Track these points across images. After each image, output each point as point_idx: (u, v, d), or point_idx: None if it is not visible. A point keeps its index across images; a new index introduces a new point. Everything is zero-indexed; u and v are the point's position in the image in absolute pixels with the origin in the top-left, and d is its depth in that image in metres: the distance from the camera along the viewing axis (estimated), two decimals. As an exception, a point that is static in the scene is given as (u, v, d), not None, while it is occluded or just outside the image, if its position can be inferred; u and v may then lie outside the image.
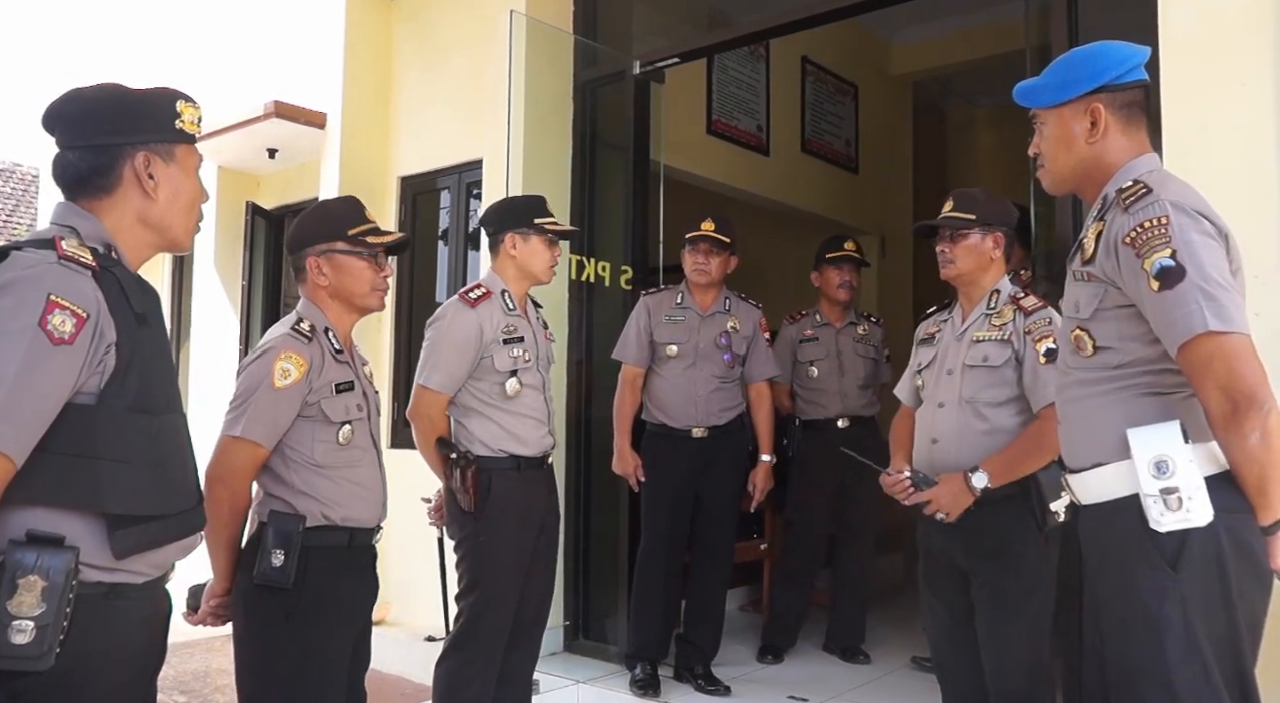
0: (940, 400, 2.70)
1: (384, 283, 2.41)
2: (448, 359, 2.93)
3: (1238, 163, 2.68)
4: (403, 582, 4.93)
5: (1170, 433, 1.67)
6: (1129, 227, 1.71)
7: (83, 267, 1.53)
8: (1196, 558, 1.64)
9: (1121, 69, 1.85)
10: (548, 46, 4.57)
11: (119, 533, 1.53)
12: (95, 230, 1.63)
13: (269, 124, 5.56)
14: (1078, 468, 1.84)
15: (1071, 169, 1.91)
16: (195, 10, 6.84)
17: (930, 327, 2.90)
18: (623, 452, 3.94)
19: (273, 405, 2.19)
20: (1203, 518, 1.63)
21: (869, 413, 4.46)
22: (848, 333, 4.48)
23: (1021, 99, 1.99)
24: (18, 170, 16.44)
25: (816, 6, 4.06)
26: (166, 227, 1.71)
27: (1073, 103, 1.88)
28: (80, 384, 1.51)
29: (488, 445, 2.94)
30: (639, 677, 3.88)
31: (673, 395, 3.92)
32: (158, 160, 1.68)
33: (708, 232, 3.90)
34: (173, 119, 1.70)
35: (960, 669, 2.67)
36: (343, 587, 2.25)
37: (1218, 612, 1.65)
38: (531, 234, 3.03)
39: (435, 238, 5.50)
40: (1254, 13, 2.71)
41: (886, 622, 4.93)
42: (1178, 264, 1.63)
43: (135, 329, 1.58)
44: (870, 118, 7.17)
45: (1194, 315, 1.61)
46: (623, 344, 4.03)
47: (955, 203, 2.77)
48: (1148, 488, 1.65)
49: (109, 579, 1.55)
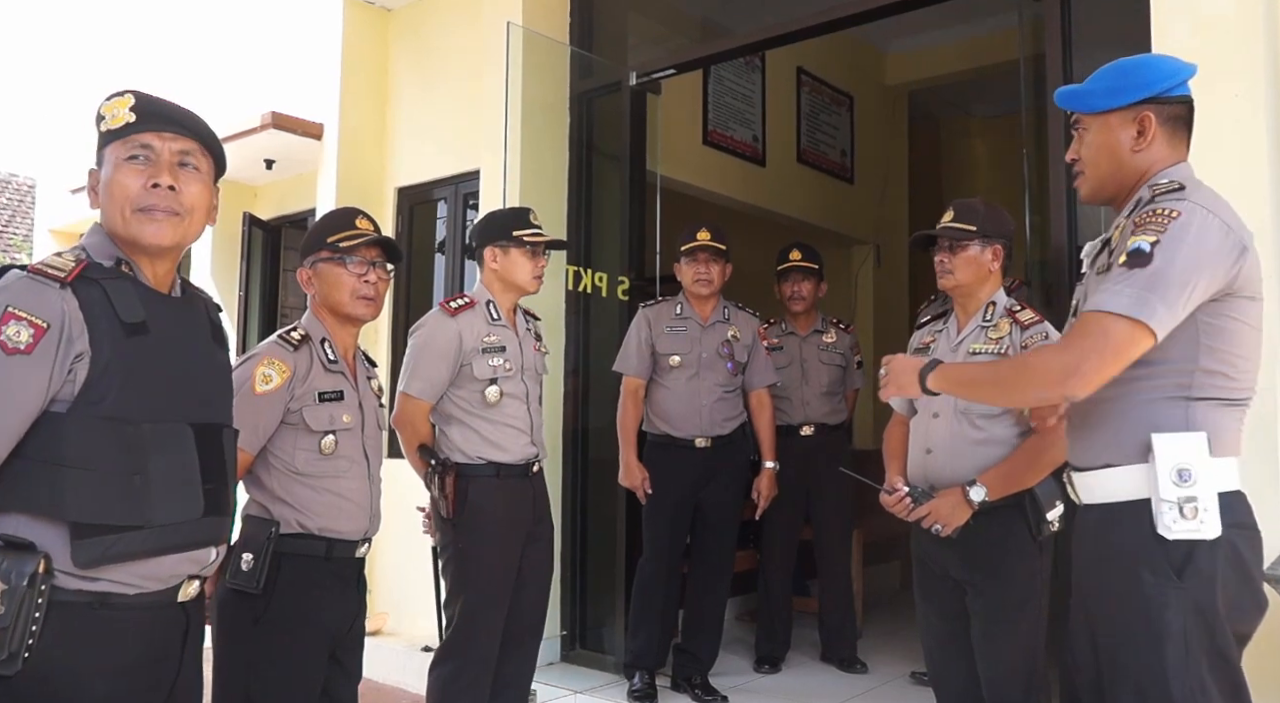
0: (935, 411, 2.70)
1: (367, 288, 2.35)
2: (427, 366, 2.98)
3: (1231, 173, 2.68)
4: (398, 592, 4.94)
5: (1197, 443, 1.68)
6: (1144, 210, 1.73)
7: (51, 278, 1.53)
8: (1201, 570, 1.65)
9: (1172, 82, 1.83)
10: (544, 58, 4.59)
11: (80, 542, 1.51)
12: (105, 246, 1.66)
13: (266, 135, 5.57)
14: (1085, 467, 1.83)
15: (1112, 176, 1.88)
16: (193, 21, 6.85)
17: (925, 336, 2.89)
18: (629, 465, 3.91)
19: (253, 411, 2.18)
20: (1213, 532, 1.65)
21: (835, 421, 4.48)
22: (812, 341, 4.50)
23: (1065, 103, 1.94)
24: (14, 180, 16.43)
25: (812, 18, 4.07)
26: (111, 230, 1.67)
27: (1122, 110, 1.84)
28: (55, 392, 1.52)
29: (466, 453, 2.97)
30: (637, 687, 3.88)
31: (677, 406, 3.92)
32: (97, 171, 1.70)
33: (705, 241, 3.91)
34: (99, 125, 1.69)
35: (955, 679, 2.67)
36: (316, 597, 2.23)
37: (1216, 625, 1.65)
38: (511, 246, 3.06)
39: (432, 248, 5.50)
40: (1246, 25, 2.73)
41: (884, 631, 4.93)
42: (1151, 252, 1.65)
43: (122, 339, 1.57)
44: (865, 128, 7.20)
45: (1121, 295, 1.65)
46: (623, 356, 4.02)
47: (955, 213, 2.76)
48: (1166, 494, 1.66)
49: (92, 588, 1.54)
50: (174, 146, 1.69)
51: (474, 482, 2.95)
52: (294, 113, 5.54)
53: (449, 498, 2.89)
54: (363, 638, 2.42)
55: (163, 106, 1.70)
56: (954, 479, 2.59)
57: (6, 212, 15.15)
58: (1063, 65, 3.20)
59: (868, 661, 4.39)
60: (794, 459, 4.36)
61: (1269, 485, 2.54)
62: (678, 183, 5.42)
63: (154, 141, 1.67)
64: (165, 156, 1.68)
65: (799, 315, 4.50)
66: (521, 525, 3.02)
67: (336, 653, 2.30)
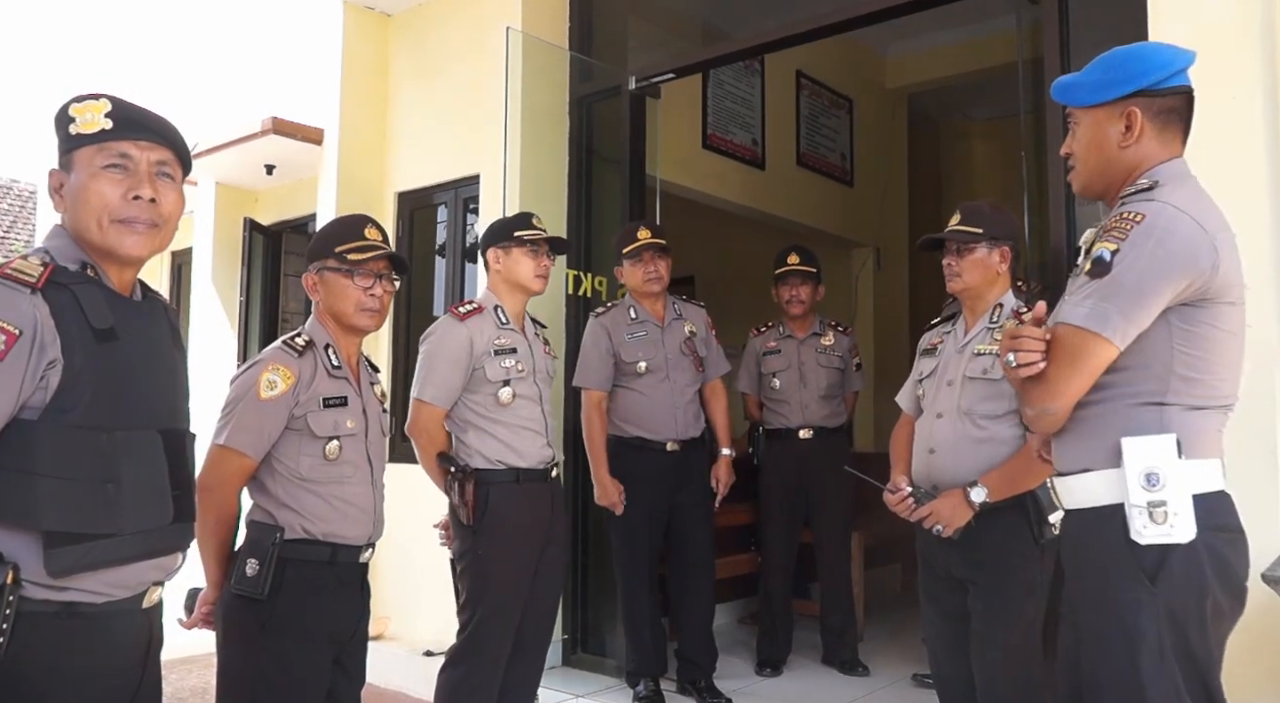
0: (939, 411, 2.71)
1: (372, 302, 2.35)
2: (439, 372, 2.99)
3: (1228, 174, 2.69)
4: (402, 597, 4.94)
5: (1165, 446, 1.65)
6: (1113, 215, 1.72)
7: (21, 283, 1.52)
8: (1176, 575, 1.63)
9: (1164, 73, 1.76)
10: (544, 62, 4.60)
11: (53, 551, 1.50)
12: (69, 249, 1.63)
13: (266, 140, 5.58)
14: (1065, 472, 1.84)
15: (1100, 172, 1.85)
16: (194, 27, 6.87)
17: (934, 337, 2.90)
18: (604, 482, 3.82)
19: (257, 417, 2.20)
20: (1185, 536, 1.62)
21: (833, 424, 4.47)
22: (810, 344, 4.49)
23: (1059, 96, 1.91)
24: (15, 186, 16.46)
25: (811, 21, 4.08)
26: (81, 236, 1.64)
27: (1109, 105, 1.80)
28: (25, 399, 1.50)
29: (486, 458, 2.97)
30: (643, 693, 3.88)
31: (650, 410, 3.88)
32: (61, 173, 1.67)
33: (648, 239, 3.87)
34: (67, 126, 1.64)
35: (959, 680, 2.68)
36: (321, 602, 2.23)
37: (1193, 630, 1.64)
38: (512, 246, 3.09)
39: (432, 253, 5.51)
40: (1244, 26, 2.74)
41: (885, 634, 4.93)
42: (1111, 260, 1.65)
43: (93, 345, 1.56)
44: (865, 131, 7.21)
45: (1081, 307, 1.67)
46: (583, 370, 3.94)
47: (962, 216, 2.76)
48: (1135, 499, 1.65)
49: (59, 598, 1.53)
50: (152, 156, 1.68)
51: (495, 488, 2.94)
52: (295, 118, 5.56)
53: (469, 505, 2.88)
54: (366, 642, 2.42)
55: (140, 115, 1.69)
56: (956, 479, 2.60)
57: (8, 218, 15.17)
58: (1061, 68, 3.20)
59: (869, 663, 4.39)
60: (793, 462, 4.37)
61: (1269, 486, 2.55)
62: (677, 187, 5.43)
63: (132, 151, 1.66)
64: (144, 167, 1.67)
65: (797, 319, 4.50)
66: (540, 530, 3.02)
67: (340, 658, 2.30)
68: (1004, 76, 4.53)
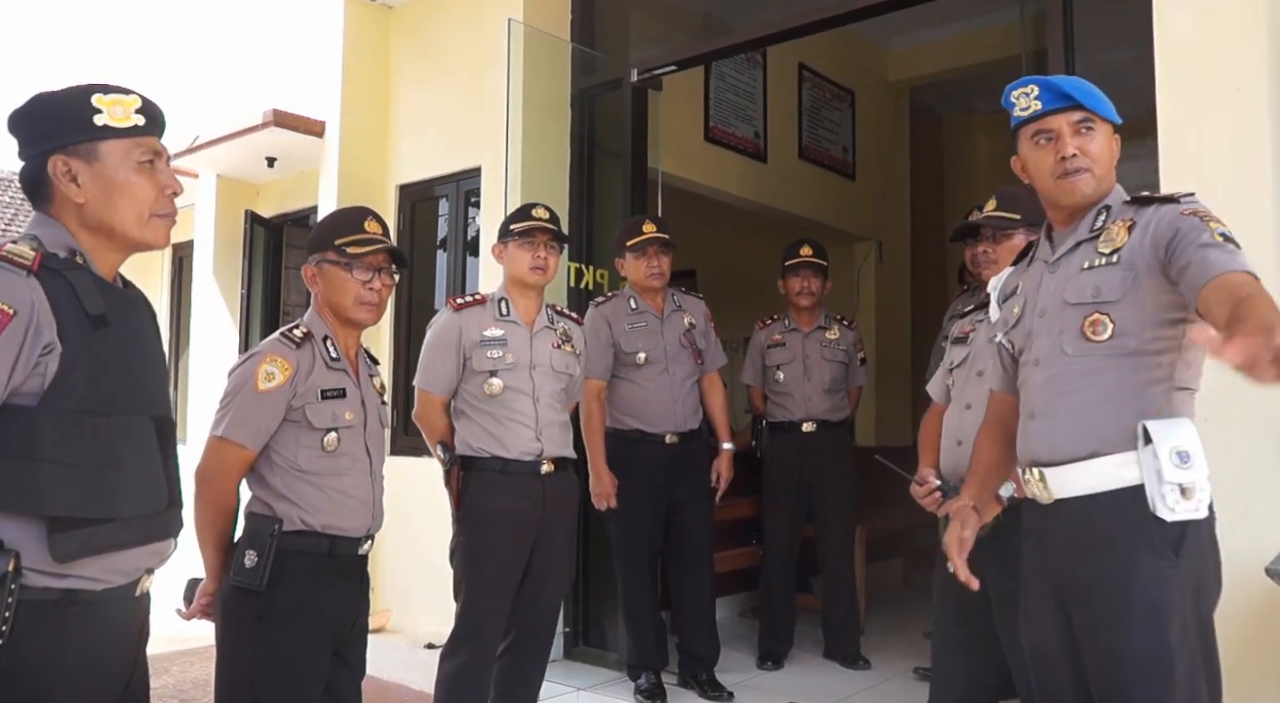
0: (968, 403, 2.64)
1: (370, 295, 2.34)
2: (431, 360, 3.09)
3: (1233, 168, 2.68)
4: (402, 589, 4.95)
5: (1188, 427, 1.74)
6: (1190, 207, 1.77)
7: (17, 265, 1.52)
8: (1191, 549, 1.73)
9: None
10: (545, 55, 4.59)
11: (58, 537, 1.50)
12: (59, 236, 1.63)
13: (267, 133, 5.58)
14: (1062, 460, 1.84)
15: (1102, 186, 1.93)
16: (195, 19, 6.86)
17: (966, 325, 2.82)
18: (600, 472, 3.79)
19: (255, 408, 2.20)
20: (1205, 512, 1.73)
21: (837, 418, 4.46)
22: (815, 337, 4.47)
23: (1085, 97, 1.93)
24: (16, 180, 16.47)
25: (813, 14, 4.06)
26: (107, 226, 1.65)
27: (1115, 127, 1.95)
28: (18, 384, 1.50)
29: (472, 446, 3.04)
30: (644, 686, 3.88)
31: (650, 401, 3.89)
32: (78, 162, 1.63)
33: (653, 233, 3.89)
34: (90, 116, 1.64)
35: (954, 670, 2.67)
36: (319, 594, 2.23)
37: (1206, 600, 1.75)
38: (509, 240, 3.16)
39: (434, 246, 5.51)
40: (1249, 18, 2.71)
41: (886, 628, 4.93)
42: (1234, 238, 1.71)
43: (88, 330, 1.57)
44: (867, 124, 7.19)
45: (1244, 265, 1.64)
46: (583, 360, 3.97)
47: (999, 202, 2.71)
48: (1170, 477, 1.70)
49: (59, 585, 1.53)
50: (168, 152, 1.76)
51: (475, 476, 3.00)
52: (296, 110, 5.55)
53: (453, 491, 2.99)
54: (366, 635, 2.42)
55: (160, 112, 1.74)
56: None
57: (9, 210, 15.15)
58: (1064, 59, 3.19)
59: (870, 657, 4.39)
60: (795, 456, 4.36)
61: (1275, 479, 2.54)
62: (679, 179, 5.42)
63: (159, 147, 1.72)
64: (168, 163, 1.74)
65: (804, 311, 4.49)
66: (525, 524, 3.02)
67: (340, 650, 2.30)
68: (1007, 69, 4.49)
